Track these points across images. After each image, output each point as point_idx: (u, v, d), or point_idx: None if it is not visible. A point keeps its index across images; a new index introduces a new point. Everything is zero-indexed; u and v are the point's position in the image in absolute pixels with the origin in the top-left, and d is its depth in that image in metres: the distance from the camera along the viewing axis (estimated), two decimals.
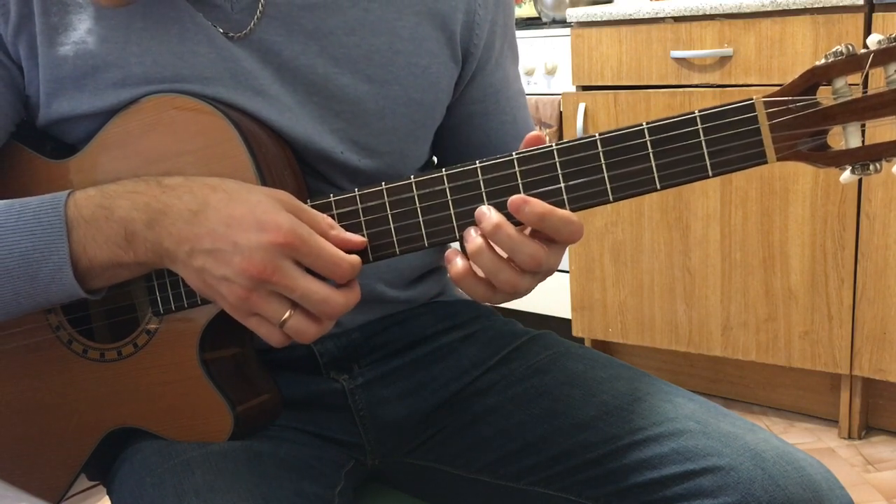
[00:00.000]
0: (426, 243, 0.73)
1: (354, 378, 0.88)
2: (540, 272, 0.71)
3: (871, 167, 0.66)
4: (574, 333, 2.47)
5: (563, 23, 2.41)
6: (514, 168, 0.70)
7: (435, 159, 0.97)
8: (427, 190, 0.72)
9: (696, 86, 2.13)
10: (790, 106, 0.66)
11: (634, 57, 2.20)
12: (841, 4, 1.90)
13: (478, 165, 0.71)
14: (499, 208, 0.70)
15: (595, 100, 2.28)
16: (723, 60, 2.07)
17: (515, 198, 0.68)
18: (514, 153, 0.70)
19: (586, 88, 2.31)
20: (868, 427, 2.21)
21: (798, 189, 2.04)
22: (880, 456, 2.10)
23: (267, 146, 0.76)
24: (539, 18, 2.66)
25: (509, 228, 0.68)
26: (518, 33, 1.26)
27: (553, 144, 0.70)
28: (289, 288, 0.69)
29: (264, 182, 0.73)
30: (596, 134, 0.69)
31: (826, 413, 2.26)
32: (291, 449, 0.83)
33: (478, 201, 0.71)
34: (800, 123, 0.66)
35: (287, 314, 0.70)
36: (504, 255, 0.69)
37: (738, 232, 2.15)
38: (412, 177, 0.72)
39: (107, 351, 0.80)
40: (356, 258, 0.71)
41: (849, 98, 0.66)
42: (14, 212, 0.72)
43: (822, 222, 2.03)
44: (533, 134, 0.71)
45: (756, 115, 0.67)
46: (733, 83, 2.07)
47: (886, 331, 2.01)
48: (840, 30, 1.91)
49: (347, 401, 0.88)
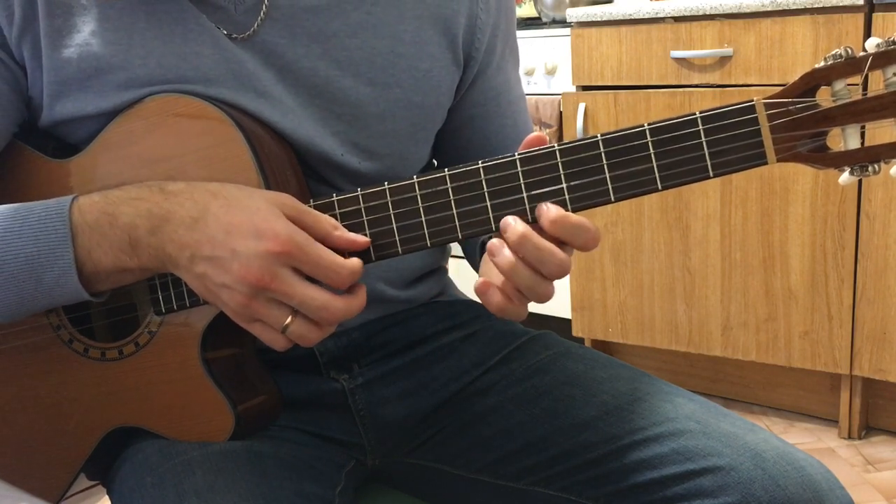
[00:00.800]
0: (428, 243, 0.73)
1: (354, 378, 0.88)
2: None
3: (870, 169, 0.67)
4: (574, 333, 2.47)
5: (563, 23, 2.41)
6: (517, 168, 0.70)
7: (435, 162, 0.97)
8: (429, 190, 0.72)
9: (696, 86, 2.13)
10: (790, 107, 0.67)
11: (634, 57, 2.21)
12: (841, 4, 1.90)
13: (480, 165, 0.71)
14: (500, 209, 0.71)
15: (595, 100, 2.28)
16: (723, 60, 2.07)
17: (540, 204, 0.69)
18: (517, 153, 0.70)
19: (586, 88, 2.31)
20: (868, 427, 2.21)
21: (798, 189, 2.04)
22: (880, 456, 2.10)
23: (269, 147, 0.76)
24: (539, 18, 2.66)
25: (536, 238, 0.68)
26: (518, 33, 1.26)
27: (555, 145, 0.70)
28: (287, 295, 0.69)
29: (267, 183, 0.73)
30: (598, 134, 0.69)
31: (826, 413, 2.26)
32: (292, 449, 0.83)
33: (480, 201, 0.71)
34: (800, 125, 0.67)
35: (288, 320, 0.70)
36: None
37: (738, 232, 2.15)
38: (415, 177, 0.72)
39: (108, 350, 0.80)
40: (356, 263, 0.71)
41: (848, 100, 0.66)
42: (19, 216, 0.72)
43: (822, 222, 2.03)
44: (533, 134, 0.71)
45: (756, 117, 0.67)
46: (733, 83, 2.07)
47: (886, 331, 2.01)
48: (840, 30, 1.91)
49: (347, 401, 0.88)
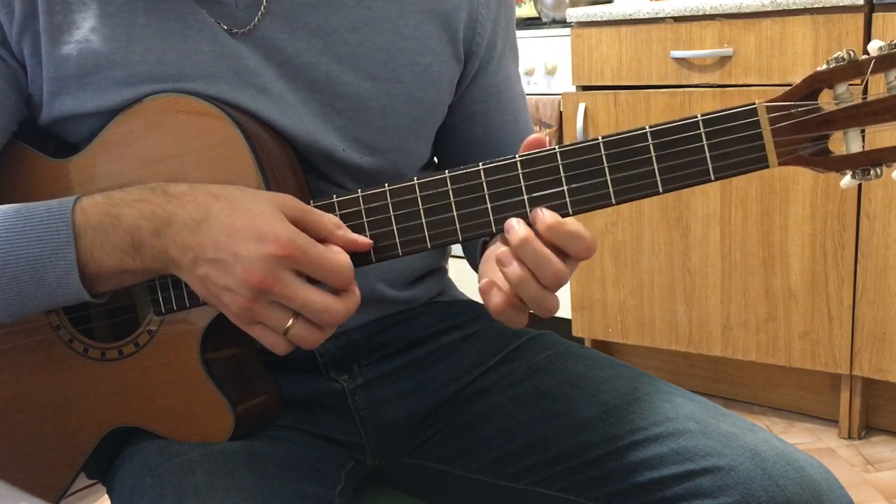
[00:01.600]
0: (429, 244, 0.73)
1: (354, 378, 0.88)
2: (556, 289, 0.71)
3: (872, 172, 0.66)
4: (574, 333, 2.47)
5: (563, 23, 2.41)
6: (518, 170, 0.70)
7: (436, 160, 0.97)
8: (430, 192, 0.72)
9: (696, 86, 2.13)
10: (792, 111, 0.66)
11: (634, 57, 2.21)
12: (841, 4, 1.90)
13: (481, 168, 0.71)
14: (501, 211, 0.71)
15: (595, 100, 2.28)
16: (723, 60, 2.08)
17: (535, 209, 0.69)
18: (518, 155, 0.70)
19: (586, 88, 2.31)
20: (868, 427, 2.21)
21: (798, 189, 2.04)
22: (880, 456, 2.10)
23: (269, 146, 0.76)
24: (539, 18, 2.66)
25: (536, 243, 0.68)
26: (518, 33, 1.26)
27: (556, 147, 0.70)
28: (289, 298, 0.69)
29: (267, 182, 0.73)
30: (599, 137, 0.69)
31: (826, 413, 2.26)
32: (292, 449, 0.83)
33: (481, 203, 0.71)
34: (801, 128, 0.66)
35: (289, 322, 0.70)
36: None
37: (738, 232, 2.15)
38: (415, 178, 0.72)
39: (108, 350, 0.80)
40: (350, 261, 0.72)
41: (850, 103, 0.66)
42: (21, 217, 0.72)
43: (822, 222, 2.03)
44: (534, 136, 0.71)
45: (758, 120, 0.67)
46: (733, 83, 2.07)
47: (886, 331, 2.01)
48: (840, 30, 1.91)
49: (347, 401, 0.88)
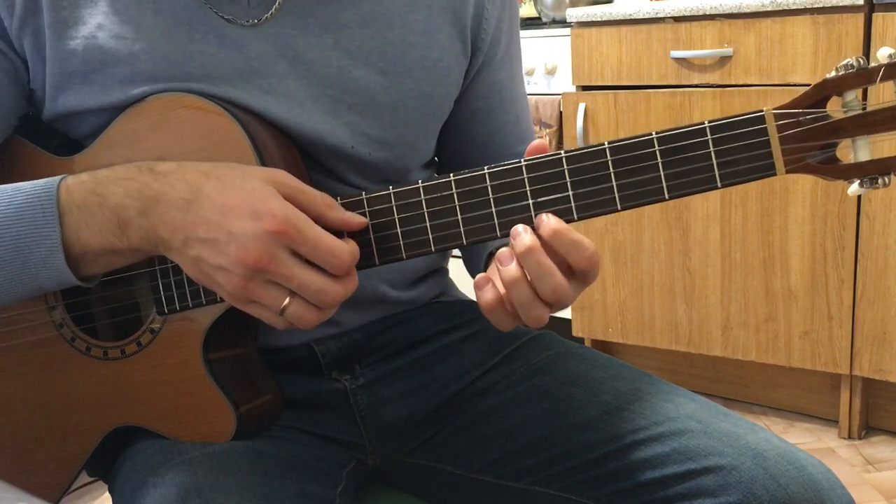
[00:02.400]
0: (433, 248, 0.72)
1: (356, 378, 0.88)
2: (556, 306, 0.70)
3: (880, 181, 0.66)
4: (574, 333, 2.47)
5: (563, 23, 2.41)
6: (523, 175, 0.70)
7: (437, 159, 0.97)
8: (435, 195, 0.72)
9: (696, 86, 2.13)
10: (800, 118, 0.66)
11: (634, 57, 2.21)
12: (841, 4, 1.90)
13: (486, 171, 0.70)
14: (506, 215, 0.70)
15: (595, 100, 2.28)
16: (723, 60, 2.08)
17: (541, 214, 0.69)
18: (523, 160, 0.70)
19: (586, 88, 2.31)
20: (868, 427, 2.21)
21: (798, 189, 2.04)
22: (880, 456, 2.10)
23: (272, 145, 0.76)
24: (539, 18, 2.66)
25: (541, 254, 0.67)
26: None
27: (562, 152, 0.69)
28: (285, 277, 0.68)
29: None
30: (605, 142, 0.69)
31: (826, 413, 2.26)
32: (293, 449, 0.83)
33: (485, 207, 0.71)
34: (809, 136, 0.66)
35: (286, 301, 0.69)
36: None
37: (738, 232, 2.15)
38: (419, 181, 0.72)
39: (110, 349, 0.80)
40: (355, 245, 0.71)
41: (859, 111, 0.65)
42: (6, 196, 0.71)
43: (822, 222, 2.03)
44: (538, 142, 0.71)
45: (766, 128, 0.66)
46: (733, 83, 2.07)
47: (886, 331, 2.01)
48: (840, 30, 1.91)
49: (349, 401, 0.88)
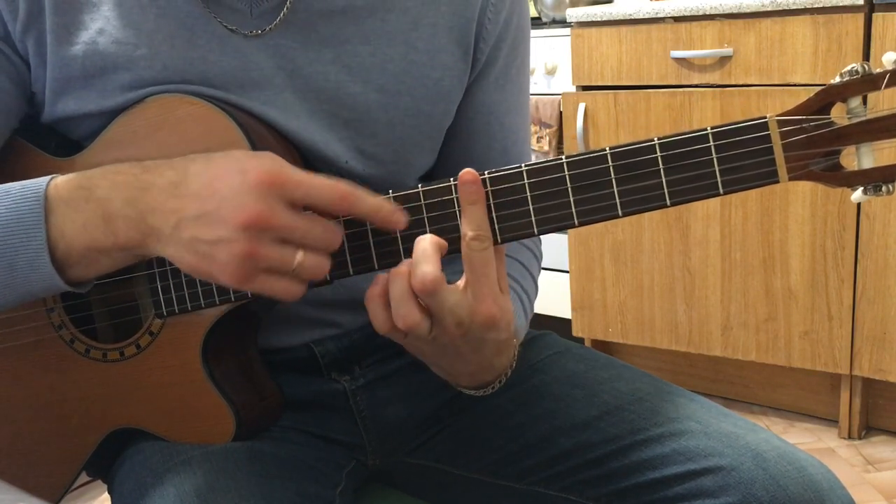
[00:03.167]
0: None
1: (356, 379, 0.88)
2: (423, 341, 0.68)
3: (884, 188, 0.65)
4: (574, 333, 2.47)
5: (563, 23, 2.41)
6: (524, 180, 0.69)
7: None
8: (435, 199, 0.70)
9: (696, 86, 2.13)
10: (804, 125, 0.65)
11: (634, 57, 2.21)
12: (841, 4, 1.90)
13: (486, 176, 0.69)
14: (505, 220, 0.69)
15: (595, 100, 2.28)
16: (723, 60, 2.08)
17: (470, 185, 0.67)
18: (524, 165, 0.69)
19: (586, 88, 2.31)
20: (868, 427, 2.21)
21: (798, 189, 2.04)
22: (880, 456, 2.10)
23: (272, 148, 0.76)
24: (539, 18, 2.67)
25: (402, 282, 0.65)
26: None
27: (563, 157, 0.68)
28: (289, 228, 0.65)
29: None
30: (606, 148, 0.67)
31: (826, 413, 2.26)
32: (293, 449, 0.83)
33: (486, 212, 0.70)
34: (813, 143, 0.65)
35: (299, 255, 0.66)
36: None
37: (738, 232, 2.15)
38: (419, 185, 0.70)
39: (109, 351, 0.80)
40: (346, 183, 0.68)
41: (863, 118, 0.64)
42: None
43: (822, 222, 2.03)
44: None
45: (769, 134, 0.65)
46: (733, 83, 2.07)
47: (886, 331, 2.01)
48: (840, 30, 1.91)
49: (349, 401, 0.88)
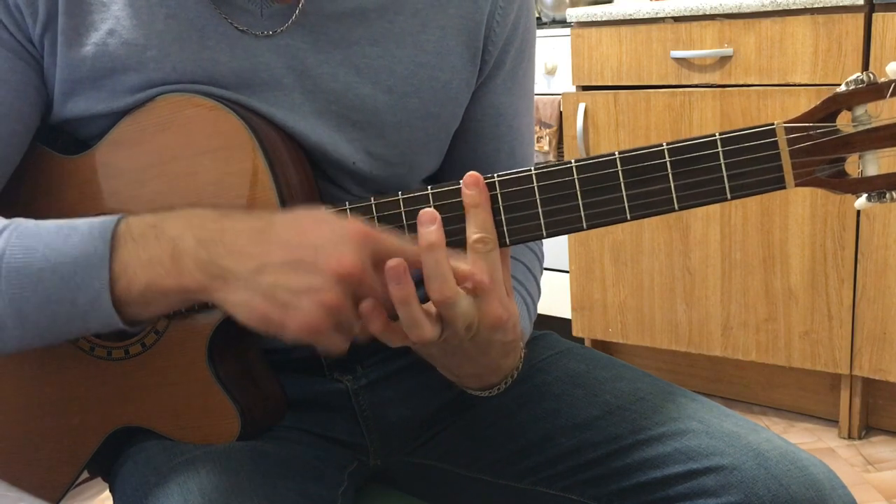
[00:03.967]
0: None
1: (358, 379, 0.88)
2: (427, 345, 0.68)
3: (888, 196, 0.66)
4: (574, 333, 2.47)
5: (563, 23, 2.41)
6: (533, 184, 0.69)
7: None
8: (444, 202, 0.70)
9: (696, 86, 2.13)
10: (810, 132, 0.66)
11: (634, 57, 2.21)
12: (841, 4, 1.90)
13: (496, 179, 0.69)
14: (515, 223, 0.70)
15: (595, 100, 2.28)
16: (723, 60, 2.08)
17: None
18: (533, 168, 0.69)
19: (586, 88, 2.31)
20: (868, 427, 2.21)
21: (798, 190, 2.04)
22: (880, 456, 2.10)
23: (280, 148, 0.76)
24: (539, 18, 2.67)
25: (414, 305, 0.65)
26: None
27: (572, 161, 0.69)
28: (371, 288, 0.64)
29: (277, 183, 0.73)
30: (615, 152, 0.68)
31: (826, 413, 2.26)
32: (295, 449, 0.83)
33: (494, 215, 0.70)
34: (819, 150, 0.66)
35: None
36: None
37: (738, 232, 2.15)
38: (429, 188, 0.71)
39: (114, 349, 0.80)
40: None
41: (868, 126, 0.66)
42: (62, 234, 0.69)
43: (822, 222, 2.03)
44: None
45: (776, 141, 0.66)
46: (733, 83, 2.07)
47: (886, 331, 2.02)
48: (840, 30, 1.91)
49: (351, 402, 0.88)
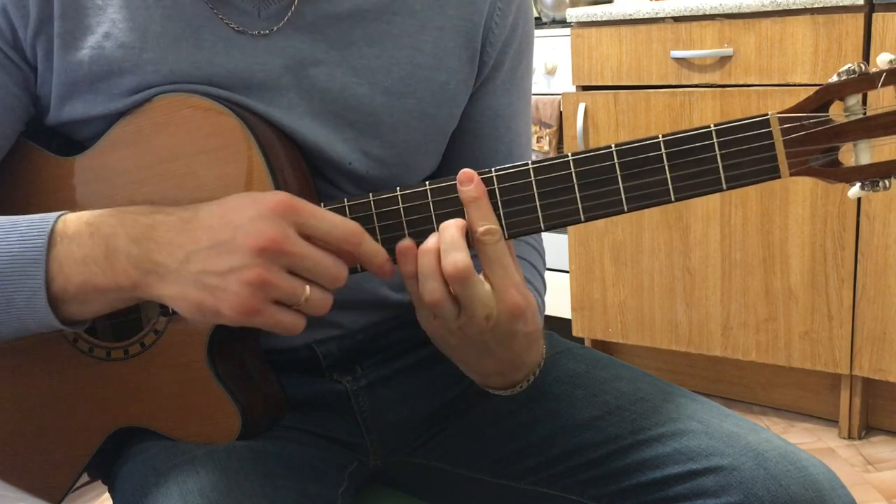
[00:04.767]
0: None
1: (358, 379, 0.88)
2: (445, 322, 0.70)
3: (881, 184, 0.67)
4: (574, 333, 2.47)
5: (563, 23, 2.42)
6: (530, 177, 0.70)
7: None
8: (441, 198, 0.71)
9: (696, 86, 2.13)
10: (804, 122, 0.67)
11: (634, 57, 2.21)
12: (841, 4, 1.90)
13: (494, 174, 0.70)
14: (512, 217, 0.70)
15: (595, 100, 2.28)
16: (723, 60, 2.08)
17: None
18: (531, 162, 0.70)
19: (586, 88, 2.31)
20: (868, 427, 2.21)
21: (798, 189, 2.05)
22: (880, 456, 2.10)
23: (278, 147, 0.76)
24: (539, 18, 2.67)
25: (431, 259, 0.67)
26: None
27: (569, 154, 0.69)
28: (302, 256, 0.66)
29: (276, 183, 0.73)
30: (612, 145, 0.69)
31: (826, 413, 2.26)
32: (295, 449, 0.83)
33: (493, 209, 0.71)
34: (813, 140, 0.67)
35: (307, 289, 0.67)
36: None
37: (738, 232, 2.15)
38: (427, 183, 0.71)
39: (113, 350, 0.80)
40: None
41: (860, 116, 0.67)
42: (2, 232, 0.70)
43: (822, 222, 2.03)
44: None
45: (771, 131, 0.67)
46: (733, 83, 2.07)
47: (886, 331, 2.02)
48: (840, 30, 1.91)
49: (351, 402, 0.88)
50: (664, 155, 0.68)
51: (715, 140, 0.67)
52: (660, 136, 0.68)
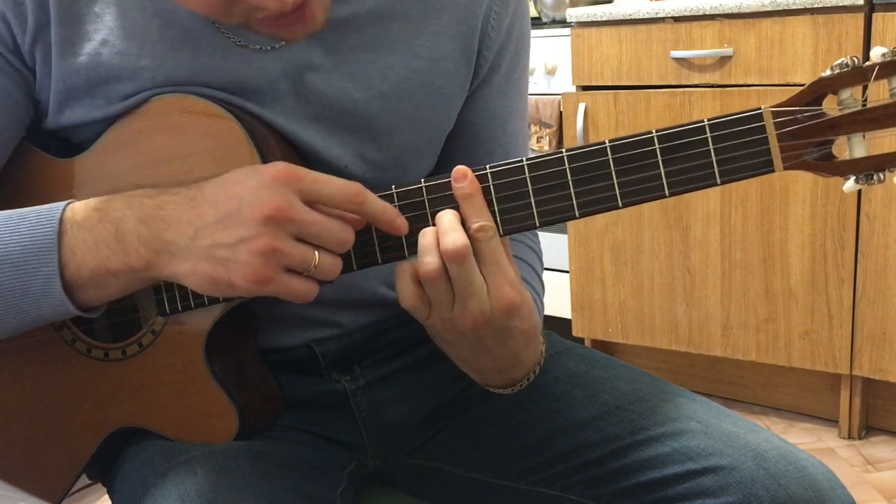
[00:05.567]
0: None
1: (356, 379, 0.88)
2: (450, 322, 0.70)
3: (875, 177, 0.67)
4: (574, 333, 2.47)
5: (563, 23, 2.41)
6: (525, 174, 0.70)
7: None
8: (437, 195, 0.71)
9: (696, 86, 2.13)
10: (797, 116, 0.67)
11: (634, 57, 2.21)
12: (841, 4, 1.90)
13: (489, 171, 0.70)
14: (508, 213, 0.70)
15: (595, 100, 2.28)
16: (723, 60, 2.08)
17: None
18: (525, 159, 0.70)
19: (586, 88, 2.31)
20: (868, 427, 2.21)
21: (798, 189, 2.05)
22: (880, 456, 2.10)
23: (275, 148, 0.76)
24: (539, 18, 2.67)
25: (432, 234, 0.68)
26: None
27: (563, 150, 0.70)
28: (308, 222, 0.67)
29: None
30: (606, 141, 0.69)
31: (826, 413, 2.26)
32: (294, 449, 0.83)
33: (488, 206, 0.71)
34: (806, 133, 0.67)
35: (317, 255, 0.68)
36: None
37: (738, 232, 2.15)
38: (422, 181, 0.72)
39: (111, 350, 0.80)
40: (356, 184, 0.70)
41: (854, 109, 0.66)
42: (11, 223, 0.71)
43: (822, 222, 2.03)
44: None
45: (764, 125, 0.67)
46: (733, 83, 2.07)
47: (886, 331, 2.02)
48: (840, 30, 1.91)
49: (349, 402, 0.88)
50: (658, 150, 0.68)
51: (708, 134, 0.68)
52: (653, 132, 0.69)
